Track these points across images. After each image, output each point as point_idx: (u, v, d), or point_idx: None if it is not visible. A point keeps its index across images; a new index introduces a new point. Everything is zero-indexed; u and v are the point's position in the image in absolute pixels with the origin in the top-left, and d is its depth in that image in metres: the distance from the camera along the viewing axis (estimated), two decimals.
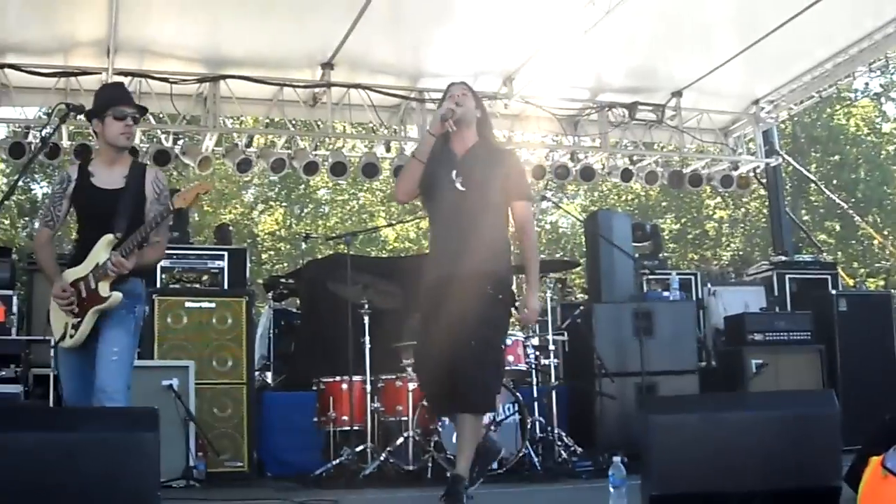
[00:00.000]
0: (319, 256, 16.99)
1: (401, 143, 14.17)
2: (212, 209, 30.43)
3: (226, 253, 11.62)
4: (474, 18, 12.04)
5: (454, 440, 9.10)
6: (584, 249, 13.12)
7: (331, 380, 9.85)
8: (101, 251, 6.38)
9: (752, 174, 16.14)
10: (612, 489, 6.22)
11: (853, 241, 32.95)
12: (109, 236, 6.39)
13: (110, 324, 6.35)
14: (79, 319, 6.33)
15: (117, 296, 6.33)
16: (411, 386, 9.57)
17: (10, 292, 11.21)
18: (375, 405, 9.70)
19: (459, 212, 6.79)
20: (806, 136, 32.74)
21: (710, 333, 12.68)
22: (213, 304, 10.09)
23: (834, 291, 12.68)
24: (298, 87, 13.27)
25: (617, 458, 6.33)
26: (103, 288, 6.32)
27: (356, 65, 12.97)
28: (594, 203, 32.75)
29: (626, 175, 15.34)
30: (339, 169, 13.70)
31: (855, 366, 11.50)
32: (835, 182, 31.71)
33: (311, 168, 13.65)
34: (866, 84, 33.82)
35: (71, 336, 6.34)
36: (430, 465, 9.22)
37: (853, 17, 12.66)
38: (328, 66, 12.92)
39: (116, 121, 6.52)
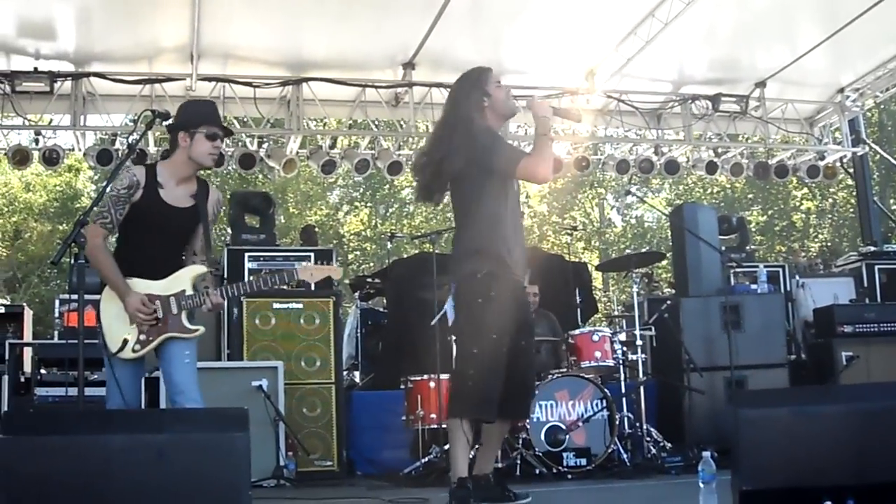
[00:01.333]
0: (405, 256, 17.03)
1: None
2: (297, 211, 30.69)
3: (312, 254, 11.69)
4: (554, 14, 12.03)
5: (542, 437, 9.16)
6: (671, 243, 13.02)
7: (418, 378, 9.87)
8: (187, 280, 6.43)
9: (838, 164, 15.95)
10: (701, 484, 6.18)
11: None
12: (201, 269, 6.48)
13: None
14: (147, 338, 6.29)
15: (203, 330, 6.42)
16: None
17: (99, 297, 11.38)
18: None
19: (517, 210, 6.73)
20: (893, 123, 32.30)
21: (799, 326, 12.54)
22: (300, 305, 10.15)
23: None
24: (380, 87, 13.36)
25: (706, 453, 6.29)
26: (186, 318, 6.37)
27: (437, 64, 13.00)
28: (679, 197, 32.60)
29: (711, 167, 15.24)
30: None
31: None
32: None
33: (395, 168, 13.74)
34: None
35: (135, 350, 6.28)
36: (518, 462, 9.23)
37: None
38: (409, 65, 13.00)
39: (208, 140, 6.43)
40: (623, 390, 10.07)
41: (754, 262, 13.44)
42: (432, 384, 9.78)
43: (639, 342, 10.32)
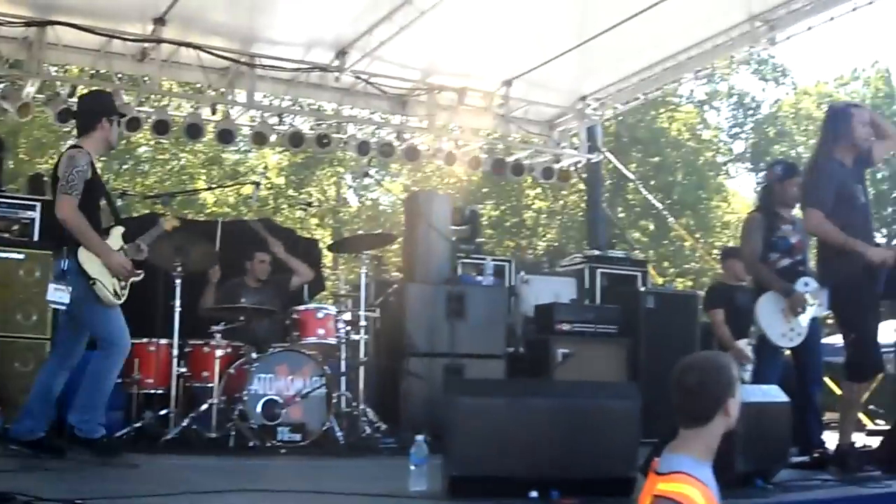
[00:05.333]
0: (135, 215, 16.67)
1: (227, 106, 13.98)
2: (28, 157, 29.65)
3: (38, 204, 11.31)
4: None
5: (258, 410, 9.12)
6: (403, 228, 13.14)
7: (137, 341, 9.61)
8: (116, 239, 7.93)
9: (573, 168, 16.42)
10: (412, 467, 6.28)
11: (665, 242, 33.90)
12: (121, 229, 8.03)
13: None
14: (124, 284, 7.87)
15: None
16: (219, 353, 9.52)
17: None
18: (182, 370, 9.57)
19: None
20: (629, 135, 33.49)
21: (520, 321, 12.84)
22: (21, 256, 9.77)
23: (643, 288, 13.05)
24: (128, 40, 12.92)
25: (420, 437, 6.40)
26: None
27: (189, 23, 12.69)
28: (416, 183, 32.93)
29: (450, 158, 15.46)
30: (162, 127, 13.44)
31: (658, 361, 11.64)
32: (652, 183, 32.51)
33: (134, 124, 13.38)
34: (692, 91, 35.08)
35: (121, 297, 7.82)
36: (232, 433, 9.17)
37: (685, 25, 12.99)
38: (160, 21, 12.61)
39: (117, 126, 8.00)
40: (343, 369, 10.14)
41: (482, 255, 13.68)
42: (151, 348, 9.63)
43: (363, 323, 10.39)
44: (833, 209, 7.79)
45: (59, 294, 7.44)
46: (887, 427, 10.98)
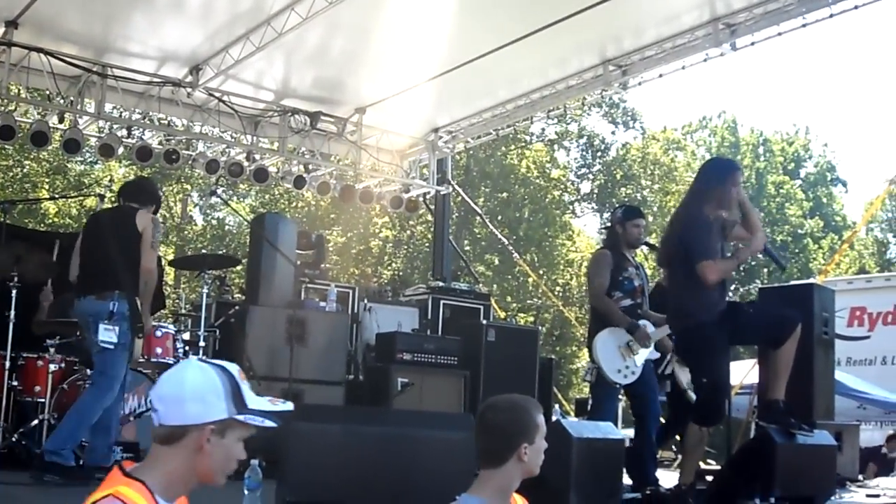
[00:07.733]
0: None
1: (75, 115, 13.68)
2: None
3: None
4: (172, 0, 11.83)
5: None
6: (248, 250, 13.05)
7: None
8: None
9: (421, 199, 16.49)
10: (246, 492, 6.20)
11: (509, 277, 34.22)
12: None
13: None
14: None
15: None
16: (52, 367, 9.25)
17: None
18: (13, 383, 9.29)
19: None
20: (478, 170, 33.80)
21: (362, 348, 12.83)
22: None
23: (485, 321, 13.13)
24: None
25: (255, 462, 6.32)
26: None
27: (42, 28, 12.38)
28: (264, 205, 32.76)
29: (300, 182, 15.41)
30: (6, 132, 13.07)
31: (497, 394, 11.70)
32: (500, 218, 32.87)
33: None
34: (542, 129, 35.57)
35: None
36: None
37: (539, 65, 13.23)
38: (13, 24, 12.29)
39: None
40: None
41: (327, 281, 13.62)
42: None
43: (202, 343, 10.27)
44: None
45: (109, 334, 8.04)
46: (717, 467, 11.22)
